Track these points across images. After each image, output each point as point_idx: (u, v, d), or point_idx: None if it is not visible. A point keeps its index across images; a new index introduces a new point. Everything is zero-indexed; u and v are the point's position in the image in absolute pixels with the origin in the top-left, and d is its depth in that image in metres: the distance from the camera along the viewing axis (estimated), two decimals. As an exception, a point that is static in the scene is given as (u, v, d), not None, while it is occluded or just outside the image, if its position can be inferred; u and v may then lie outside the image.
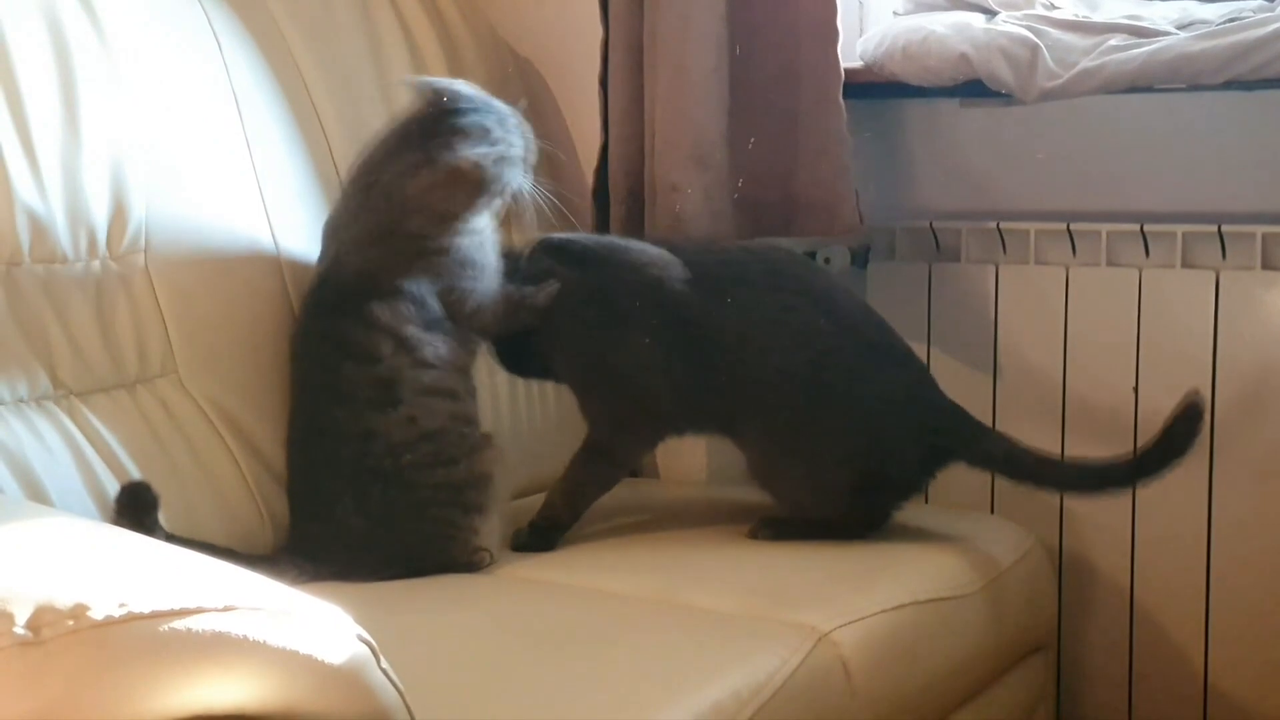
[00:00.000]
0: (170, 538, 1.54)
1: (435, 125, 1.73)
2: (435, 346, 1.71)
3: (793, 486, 1.84)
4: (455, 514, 1.71)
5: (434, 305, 1.72)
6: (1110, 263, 2.05)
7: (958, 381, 2.03)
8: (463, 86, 1.77)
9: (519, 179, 1.76)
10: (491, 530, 1.74)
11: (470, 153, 1.70)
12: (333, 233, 1.79)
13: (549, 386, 2.12)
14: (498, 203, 1.76)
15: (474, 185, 1.72)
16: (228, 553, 1.57)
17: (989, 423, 2.08)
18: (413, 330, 1.70)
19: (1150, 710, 2.06)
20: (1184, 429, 1.75)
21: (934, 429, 1.82)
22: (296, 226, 1.88)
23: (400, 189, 1.71)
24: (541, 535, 1.83)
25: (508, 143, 1.74)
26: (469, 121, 1.72)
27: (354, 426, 1.68)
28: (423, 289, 1.71)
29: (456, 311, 1.74)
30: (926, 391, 1.85)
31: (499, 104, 1.77)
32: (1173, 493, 2.00)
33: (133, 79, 1.72)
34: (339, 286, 1.73)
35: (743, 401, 1.81)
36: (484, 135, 1.72)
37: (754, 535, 1.83)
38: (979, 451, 1.84)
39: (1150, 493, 2.01)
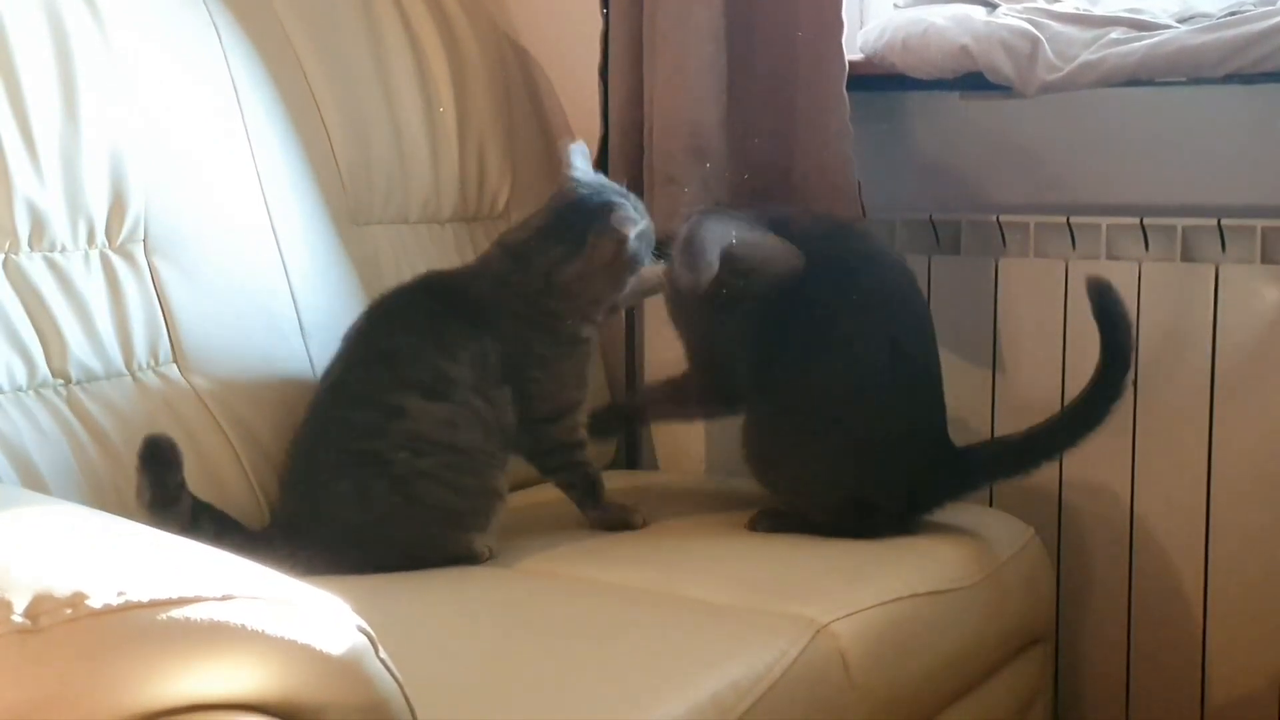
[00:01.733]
0: (197, 502, 1.57)
1: (590, 213, 1.74)
2: (504, 396, 1.72)
3: (789, 481, 1.85)
4: (456, 533, 1.70)
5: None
6: (1110, 256, 2.05)
7: (957, 375, 2.02)
8: (603, 184, 1.81)
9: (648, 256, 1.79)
10: (489, 536, 1.73)
11: (626, 234, 1.72)
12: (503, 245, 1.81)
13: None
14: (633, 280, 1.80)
15: (624, 266, 1.75)
16: (239, 529, 1.61)
17: (988, 415, 2.10)
18: (494, 371, 1.71)
19: (1148, 702, 2.06)
20: (1112, 311, 1.75)
21: (929, 482, 1.83)
22: (295, 217, 1.88)
23: (553, 274, 1.74)
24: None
25: (645, 222, 1.77)
26: (625, 211, 1.73)
27: (385, 397, 1.67)
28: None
29: (527, 400, 1.75)
30: (937, 438, 1.85)
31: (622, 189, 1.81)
32: (1171, 486, 2.01)
33: (132, 70, 1.72)
34: (479, 291, 1.75)
35: (781, 381, 1.81)
36: (633, 221, 1.73)
37: (753, 527, 1.83)
38: (976, 484, 1.87)
39: (1148, 485, 2.02)
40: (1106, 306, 1.76)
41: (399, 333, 1.72)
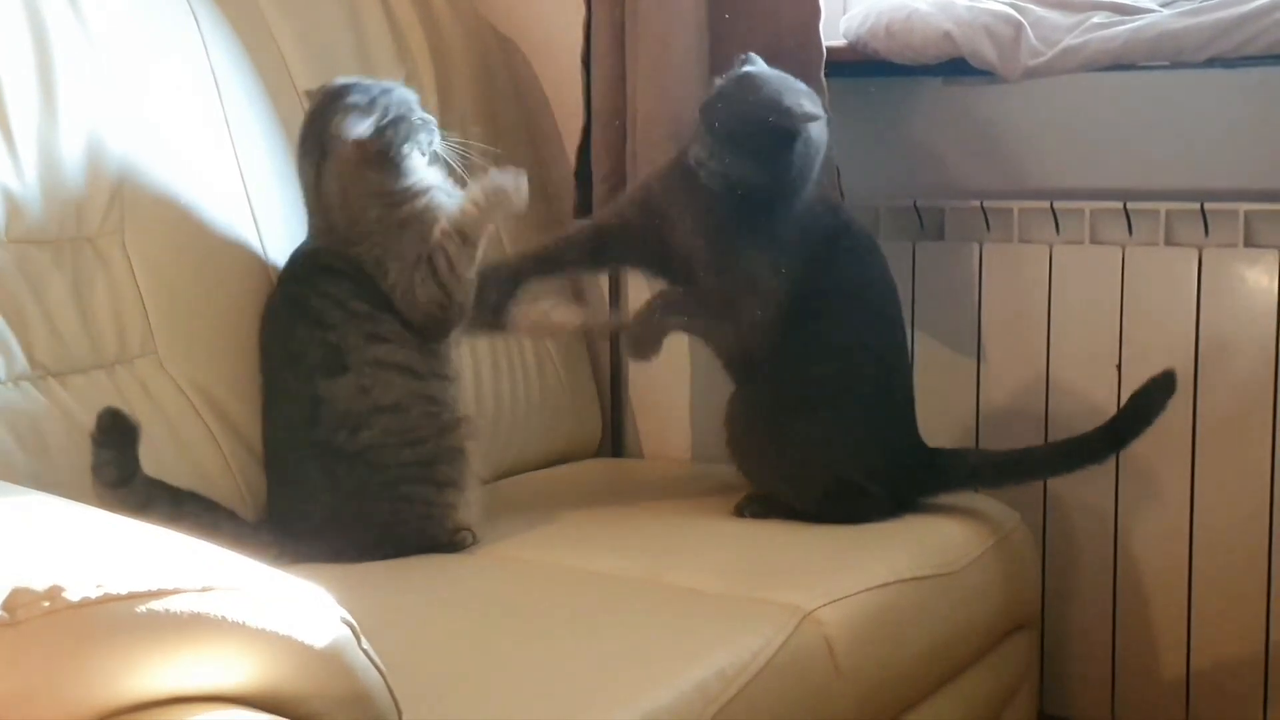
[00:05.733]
0: (150, 480, 1.56)
1: (322, 124, 1.72)
2: (390, 322, 1.71)
3: (773, 467, 1.85)
4: (429, 491, 1.70)
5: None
6: (1094, 240, 2.05)
7: (942, 360, 2.03)
8: (342, 80, 1.77)
9: (426, 136, 1.75)
10: (470, 506, 1.73)
11: (356, 129, 1.68)
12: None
13: (529, 369, 2.11)
14: (417, 157, 1.75)
15: (377, 154, 1.71)
16: (207, 503, 1.62)
17: (972, 400, 2.10)
18: (360, 305, 1.70)
19: (1133, 689, 2.06)
20: (1156, 396, 1.79)
21: (899, 478, 1.84)
22: (276, 205, 1.87)
23: (320, 194, 1.73)
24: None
25: (389, 107, 1.72)
26: (346, 103, 1.71)
27: (303, 390, 1.69)
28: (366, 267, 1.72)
29: (386, 287, 1.72)
30: (906, 436, 1.86)
31: (371, 82, 1.76)
32: (1156, 469, 2.01)
33: (110, 57, 1.71)
34: (305, 256, 1.76)
35: (770, 364, 1.81)
36: (364, 110, 1.70)
37: (740, 512, 1.83)
38: (949, 483, 1.88)
39: (1133, 469, 2.02)
40: (1159, 389, 1.80)
41: (284, 323, 1.73)
